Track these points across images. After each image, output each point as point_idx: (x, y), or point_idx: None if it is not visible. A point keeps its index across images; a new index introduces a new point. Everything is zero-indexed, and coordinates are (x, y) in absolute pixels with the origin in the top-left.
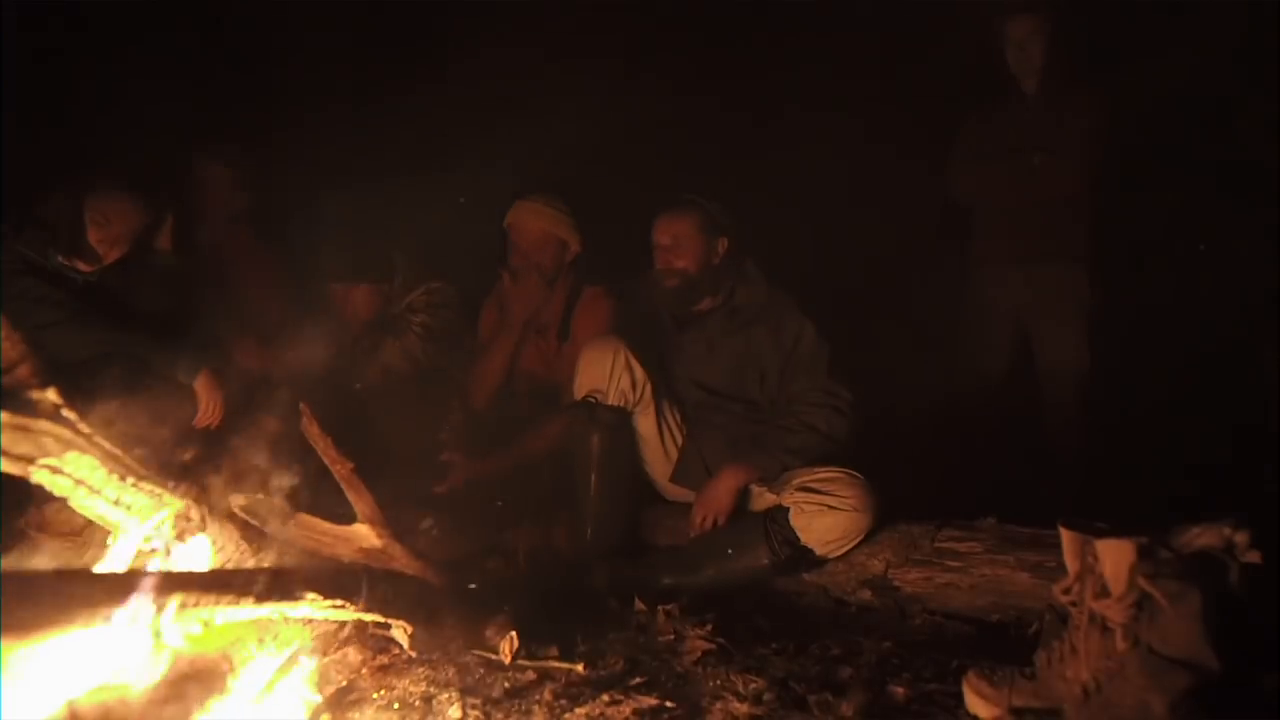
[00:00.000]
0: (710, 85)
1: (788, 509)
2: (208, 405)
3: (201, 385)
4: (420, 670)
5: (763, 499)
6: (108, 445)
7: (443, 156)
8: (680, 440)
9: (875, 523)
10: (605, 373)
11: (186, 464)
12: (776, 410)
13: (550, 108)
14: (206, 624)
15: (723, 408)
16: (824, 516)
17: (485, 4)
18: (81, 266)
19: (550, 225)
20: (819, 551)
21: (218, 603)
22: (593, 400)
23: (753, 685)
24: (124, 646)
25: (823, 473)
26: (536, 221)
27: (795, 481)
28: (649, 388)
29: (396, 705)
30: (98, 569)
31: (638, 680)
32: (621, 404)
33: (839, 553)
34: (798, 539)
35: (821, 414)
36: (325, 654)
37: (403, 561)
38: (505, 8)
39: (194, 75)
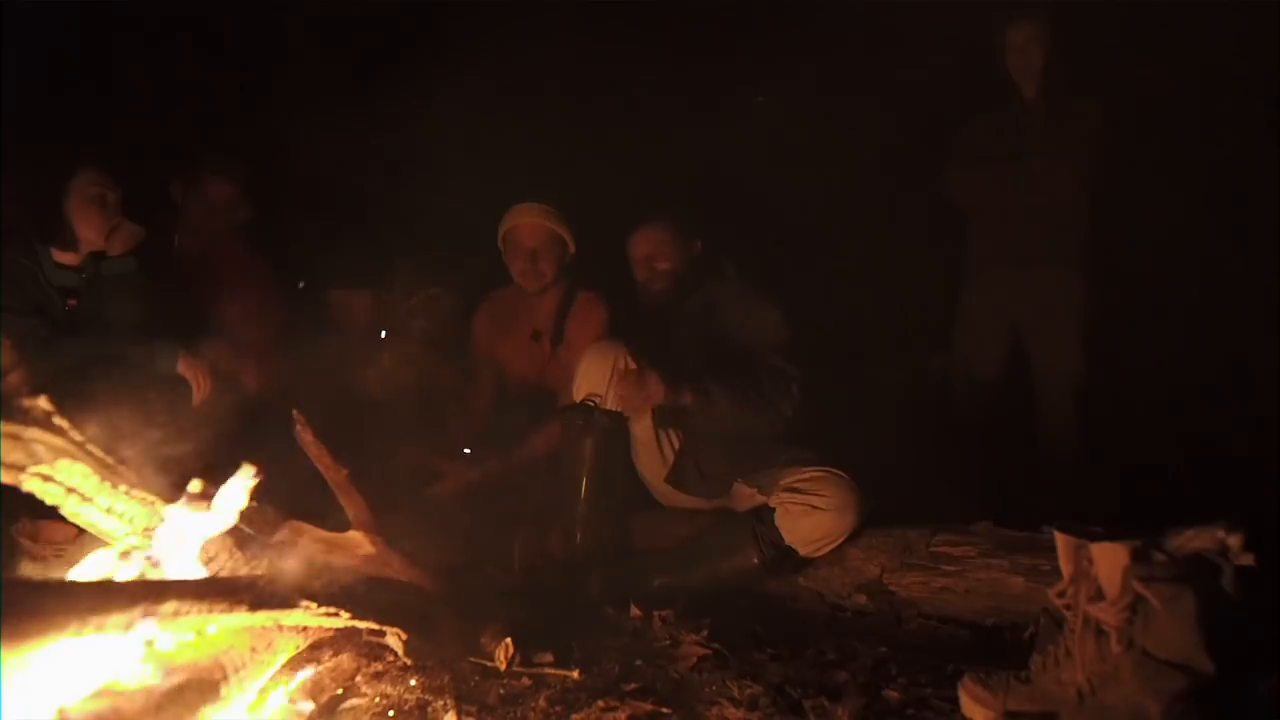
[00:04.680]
0: (705, 88)
1: (774, 509)
2: (197, 382)
3: (184, 367)
4: (415, 677)
5: (751, 500)
6: (99, 453)
7: (442, 163)
8: (678, 444)
9: (859, 522)
10: (604, 376)
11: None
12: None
13: (544, 116)
14: (200, 632)
15: None
16: (807, 517)
17: (483, 14)
18: (68, 259)
19: (551, 222)
20: (803, 551)
21: (211, 610)
22: (590, 404)
23: (749, 690)
24: (117, 654)
25: (808, 472)
26: (538, 219)
27: (782, 482)
28: None
29: (391, 713)
30: (90, 577)
31: (633, 686)
32: (619, 409)
33: (823, 552)
34: (782, 540)
35: (765, 379)
36: (319, 661)
37: (397, 568)
38: (503, 17)
39: (190, 83)
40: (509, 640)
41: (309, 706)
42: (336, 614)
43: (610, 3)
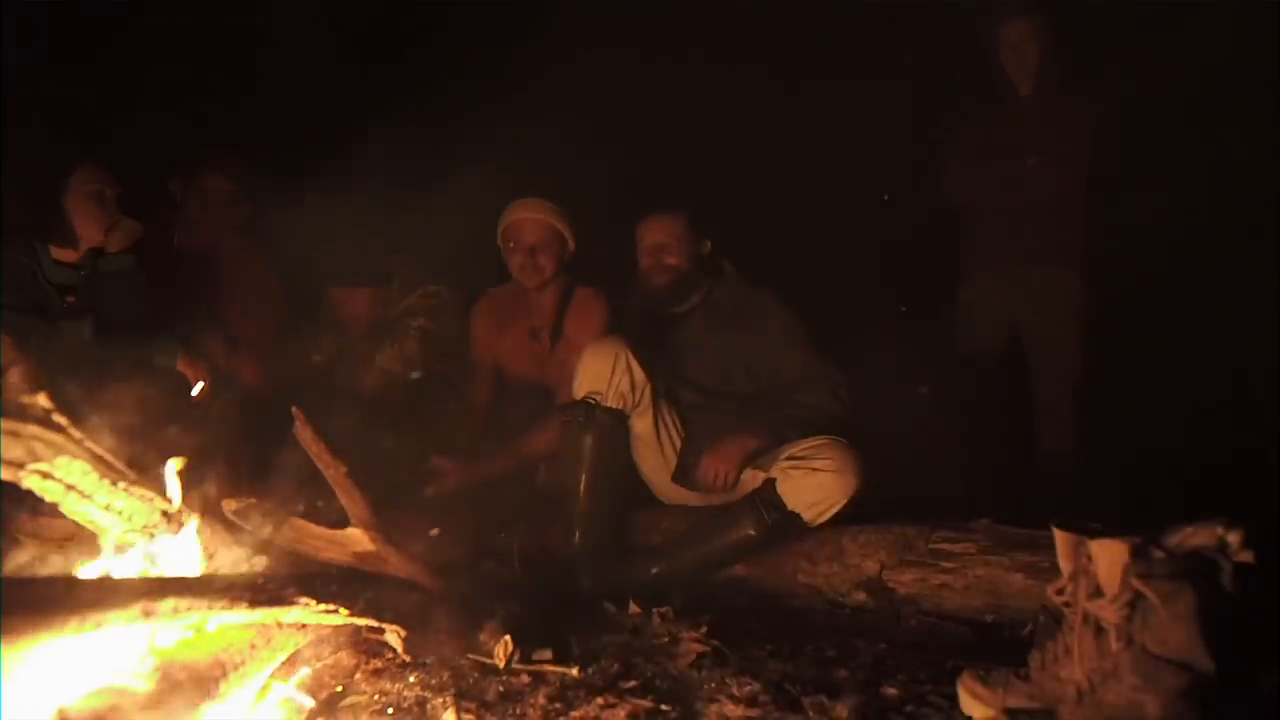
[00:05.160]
0: (705, 87)
1: (774, 479)
2: (196, 378)
3: (184, 364)
4: (414, 674)
5: (754, 479)
6: (99, 450)
7: (439, 160)
8: (678, 441)
9: (859, 486)
10: (605, 374)
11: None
12: (772, 395)
13: (542, 113)
14: (199, 629)
15: (716, 407)
16: (808, 478)
17: (479, 11)
18: (67, 256)
19: (551, 218)
20: (805, 515)
21: (210, 607)
22: (591, 401)
23: (748, 687)
24: (116, 652)
25: (808, 442)
26: (538, 215)
27: (784, 454)
28: (648, 390)
29: (390, 710)
30: (89, 574)
31: (632, 683)
32: (620, 406)
33: (825, 517)
34: (784, 504)
35: (818, 396)
36: (318, 659)
37: (396, 565)
38: (499, 15)
39: (188, 83)
40: (508, 637)
41: (308, 703)
42: (335, 611)
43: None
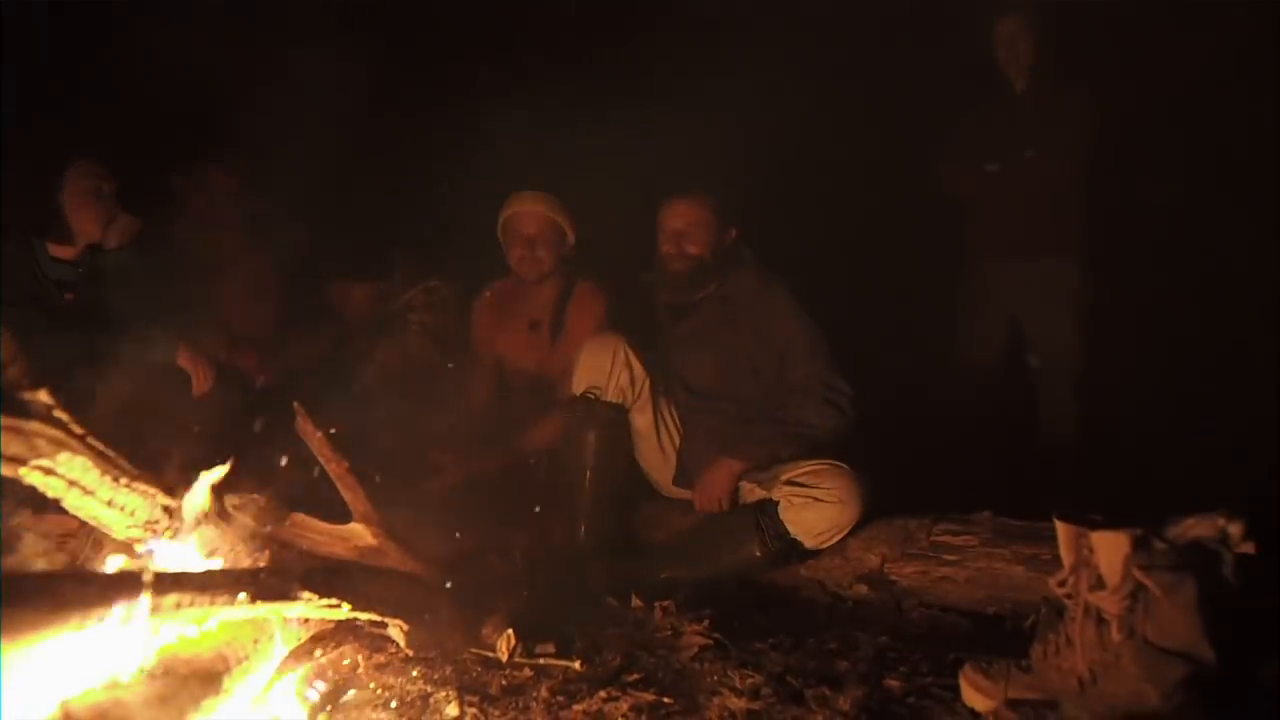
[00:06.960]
0: (706, 82)
1: (777, 502)
2: (197, 373)
3: (184, 359)
4: (417, 668)
5: (752, 494)
6: (100, 446)
7: (439, 155)
8: (677, 438)
9: (862, 513)
10: (605, 369)
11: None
12: (773, 402)
13: (542, 107)
14: (202, 624)
15: (716, 410)
16: (811, 509)
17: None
18: (65, 253)
19: (550, 211)
20: (808, 543)
21: (213, 603)
22: (591, 396)
23: (750, 680)
24: (119, 647)
25: (810, 465)
26: (538, 207)
27: (784, 476)
28: (648, 385)
29: (394, 704)
30: (92, 570)
31: (635, 676)
32: (619, 400)
33: (829, 543)
34: (787, 532)
35: (815, 408)
36: (322, 653)
37: (398, 560)
38: (498, 9)
39: (189, 72)
40: (511, 631)
41: (311, 698)
42: (338, 606)
43: None
